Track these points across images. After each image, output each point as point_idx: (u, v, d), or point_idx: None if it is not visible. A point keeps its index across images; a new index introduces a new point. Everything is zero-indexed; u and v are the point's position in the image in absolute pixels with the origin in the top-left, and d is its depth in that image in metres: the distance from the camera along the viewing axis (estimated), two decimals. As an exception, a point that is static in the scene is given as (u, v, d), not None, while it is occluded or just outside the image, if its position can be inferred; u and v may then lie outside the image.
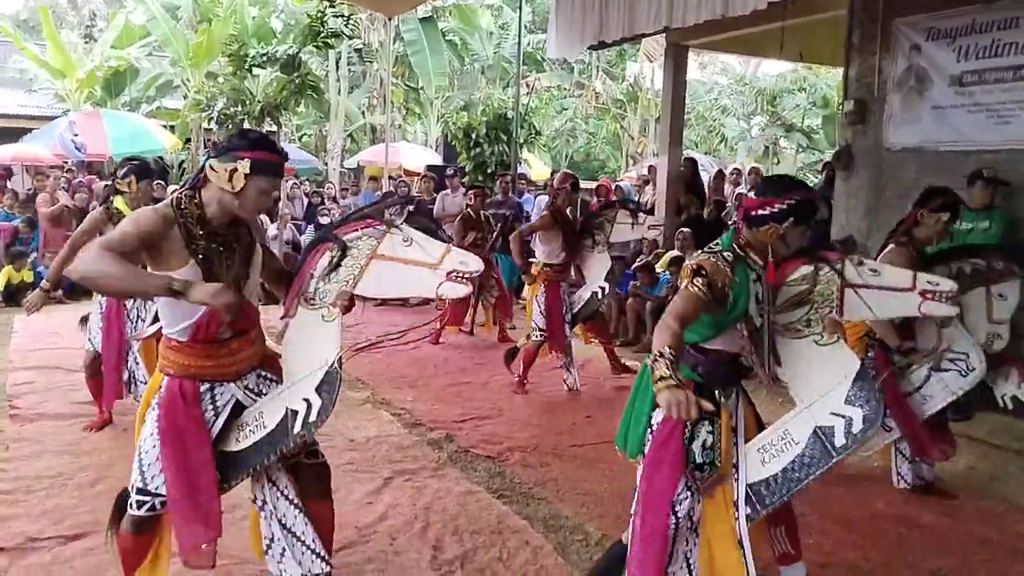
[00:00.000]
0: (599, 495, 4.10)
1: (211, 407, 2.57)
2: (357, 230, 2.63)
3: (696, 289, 2.50)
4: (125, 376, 4.85)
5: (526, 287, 6.48)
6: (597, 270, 6.05)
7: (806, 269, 2.74)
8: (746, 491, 2.67)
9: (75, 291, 9.59)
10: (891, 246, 3.94)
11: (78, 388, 5.26)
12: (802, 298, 2.74)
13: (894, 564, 3.45)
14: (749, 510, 2.66)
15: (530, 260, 6.17)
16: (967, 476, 4.51)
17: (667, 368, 2.21)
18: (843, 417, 2.59)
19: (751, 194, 2.77)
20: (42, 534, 3.46)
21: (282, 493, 2.68)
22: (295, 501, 2.67)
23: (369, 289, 2.62)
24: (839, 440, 2.59)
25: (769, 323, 2.70)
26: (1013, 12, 5.76)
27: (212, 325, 2.49)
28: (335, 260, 2.60)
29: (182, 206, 2.44)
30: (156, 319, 4.56)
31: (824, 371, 2.69)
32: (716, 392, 2.67)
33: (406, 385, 6.24)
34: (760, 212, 2.62)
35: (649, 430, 2.68)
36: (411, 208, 2.69)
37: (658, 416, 2.65)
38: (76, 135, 14.53)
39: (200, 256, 2.43)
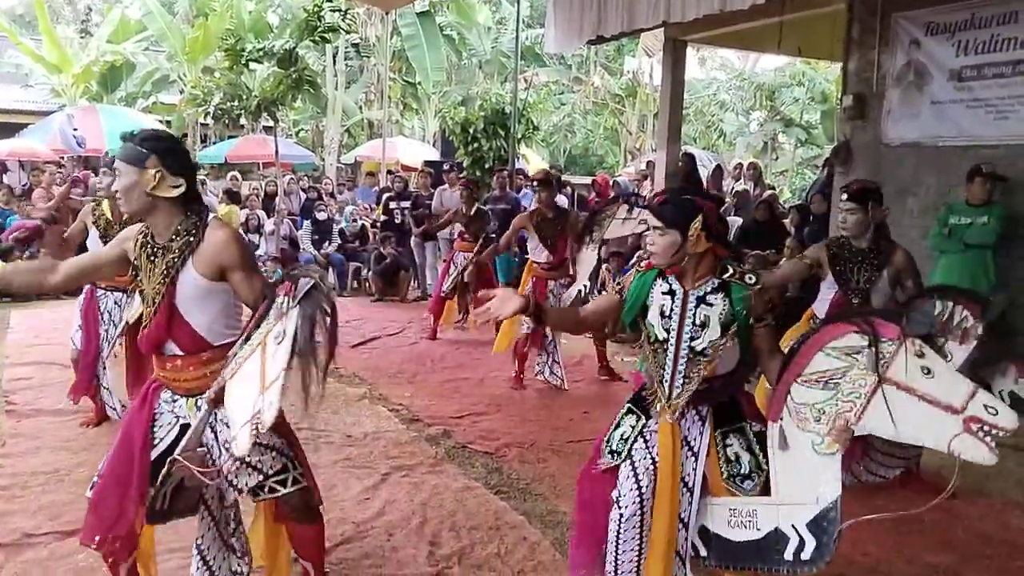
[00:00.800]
0: (597, 491, 4.08)
1: (172, 416, 2.56)
2: (283, 293, 2.18)
3: (609, 289, 2.66)
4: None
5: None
6: (584, 269, 6.02)
7: (855, 341, 2.26)
8: (712, 535, 2.58)
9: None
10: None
11: (74, 384, 5.24)
12: (831, 378, 2.29)
13: (892, 560, 3.45)
14: (704, 552, 2.59)
15: (524, 256, 6.23)
16: (965, 472, 4.50)
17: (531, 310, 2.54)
18: (800, 537, 2.36)
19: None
20: (39, 530, 3.45)
21: (219, 530, 2.64)
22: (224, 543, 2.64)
23: (229, 392, 2.18)
24: (786, 555, 2.37)
25: (679, 346, 2.56)
26: (1012, 7, 5.75)
27: (144, 336, 2.52)
28: (253, 325, 2.24)
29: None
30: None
31: (805, 480, 2.36)
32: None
33: (404, 381, 6.23)
34: None
35: None
36: (319, 283, 2.16)
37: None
38: (76, 129, 14.52)
39: (135, 263, 2.51)
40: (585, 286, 6.00)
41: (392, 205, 10.77)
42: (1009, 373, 4.07)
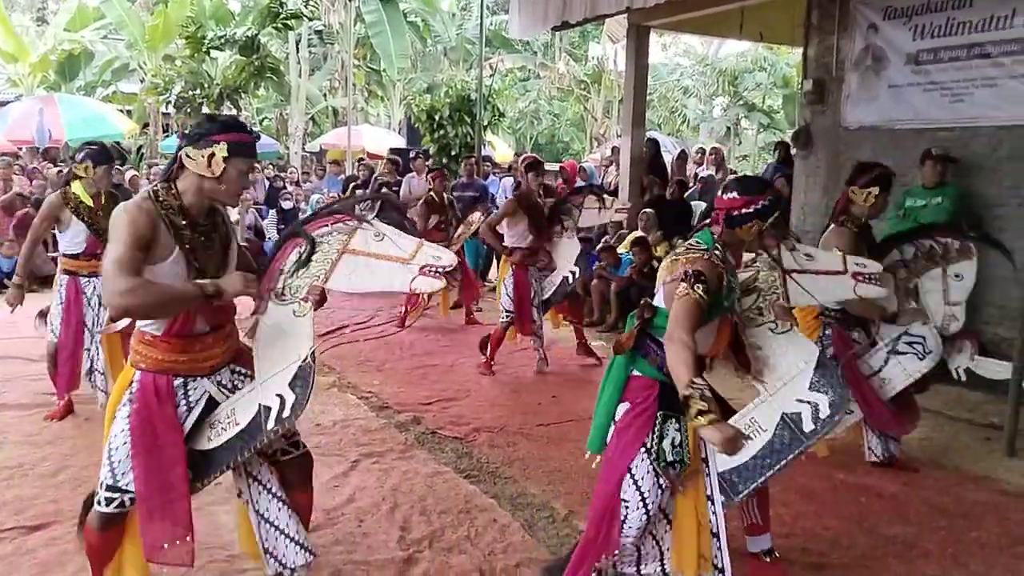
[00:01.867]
0: (565, 472, 4.14)
1: (184, 402, 2.51)
2: (327, 225, 2.62)
3: (698, 296, 2.40)
4: (86, 366, 4.80)
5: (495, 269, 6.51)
6: (567, 255, 6.06)
7: (747, 256, 2.86)
8: (721, 478, 2.72)
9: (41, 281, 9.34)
10: (831, 227, 4.03)
11: (38, 378, 5.17)
12: (749, 285, 2.91)
13: (853, 532, 3.54)
14: (723, 498, 2.68)
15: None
16: (922, 447, 4.63)
17: (703, 402, 2.18)
18: (809, 403, 2.71)
19: (727, 196, 2.60)
20: (3, 525, 3.41)
21: (264, 487, 2.68)
22: (278, 494, 2.68)
23: (341, 284, 2.59)
24: (807, 425, 2.72)
25: (738, 316, 2.75)
26: (967, -9, 5.85)
27: (188, 320, 2.45)
28: (304, 256, 2.58)
29: (160, 197, 2.42)
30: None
31: (784, 358, 2.80)
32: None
33: (373, 368, 6.23)
34: (745, 211, 2.56)
35: (612, 424, 2.64)
36: (382, 203, 2.72)
37: (621, 410, 2.62)
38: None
39: (187, 246, 2.42)
40: (572, 273, 6.02)
41: (359, 193, 10.69)
42: (965, 349, 4.19)
